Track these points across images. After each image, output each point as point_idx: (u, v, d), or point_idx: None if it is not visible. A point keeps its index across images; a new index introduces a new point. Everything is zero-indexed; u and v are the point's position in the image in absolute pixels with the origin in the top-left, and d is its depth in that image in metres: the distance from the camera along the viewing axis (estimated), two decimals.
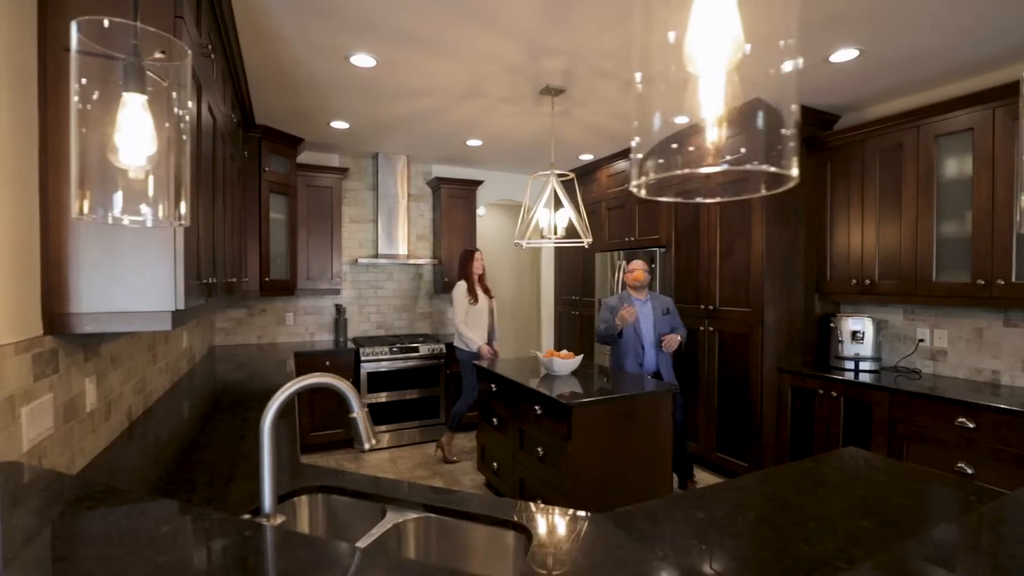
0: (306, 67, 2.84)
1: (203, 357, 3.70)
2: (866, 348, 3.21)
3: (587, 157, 4.86)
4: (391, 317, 4.97)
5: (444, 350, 4.48)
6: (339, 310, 4.61)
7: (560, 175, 3.22)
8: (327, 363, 4.12)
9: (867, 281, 3.20)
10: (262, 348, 4.17)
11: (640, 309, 3.43)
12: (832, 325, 3.36)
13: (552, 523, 1.18)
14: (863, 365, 3.22)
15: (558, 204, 3.53)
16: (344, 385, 1.11)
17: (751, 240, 3.45)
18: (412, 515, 1.35)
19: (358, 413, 1.11)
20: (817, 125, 3.49)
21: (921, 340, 3.19)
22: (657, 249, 4.16)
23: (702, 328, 3.83)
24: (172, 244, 1.49)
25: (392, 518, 1.35)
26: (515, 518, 1.23)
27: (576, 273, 5.38)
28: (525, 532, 1.19)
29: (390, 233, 4.68)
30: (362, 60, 2.74)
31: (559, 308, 5.69)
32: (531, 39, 2.51)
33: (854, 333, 3.25)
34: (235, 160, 3.13)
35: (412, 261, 4.75)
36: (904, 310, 3.28)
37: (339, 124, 3.83)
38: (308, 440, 4.10)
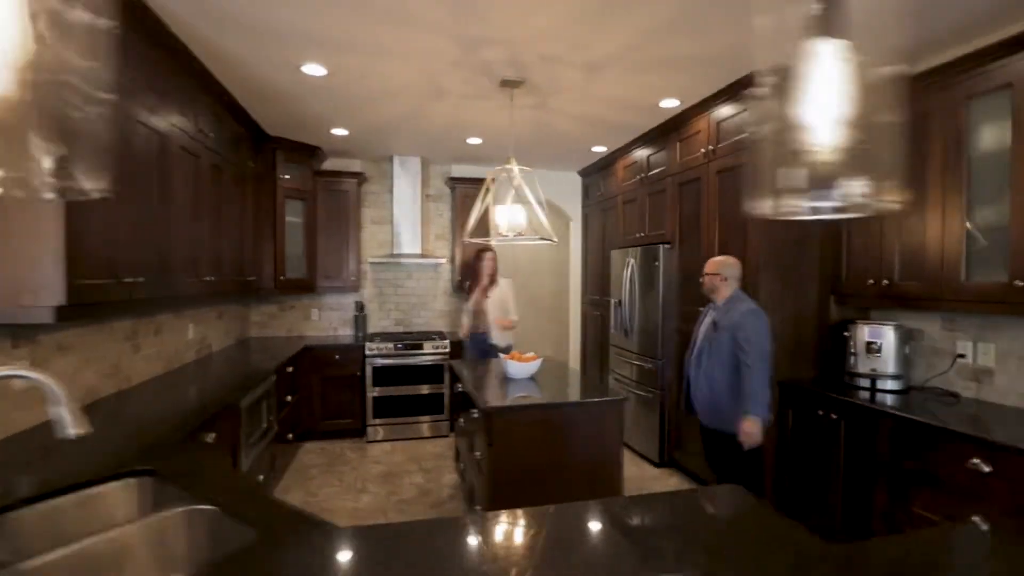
0: (270, 81, 3.05)
1: (228, 347, 4.14)
2: (885, 362, 2.65)
3: (600, 149, 4.60)
4: (410, 314, 5.15)
5: (448, 347, 4.53)
6: (359, 307, 4.88)
7: (522, 170, 3.09)
8: (336, 356, 4.39)
9: (885, 282, 2.63)
10: (290, 340, 4.57)
11: (703, 319, 2.69)
12: (846, 334, 2.82)
13: None
14: (882, 383, 2.65)
15: (500, 200, 3.35)
16: (39, 375, 1.15)
17: (746, 233, 3.01)
18: None
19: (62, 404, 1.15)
20: None
21: (961, 355, 2.55)
22: (661, 245, 3.81)
23: None
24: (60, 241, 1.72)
25: None
26: None
27: (596, 272, 5.12)
28: None
29: (405, 233, 4.84)
30: (313, 69, 2.87)
31: (585, 308, 5.46)
32: (451, 31, 2.45)
33: (869, 345, 2.69)
34: (234, 169, 3.47)
35: (427, 260, 4.87)
36: (942, 318, 2.65)
37: (339, 131, 4.06)
38: (320, 427, 4.41)
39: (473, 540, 1.14)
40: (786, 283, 2.96)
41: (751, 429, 2.31)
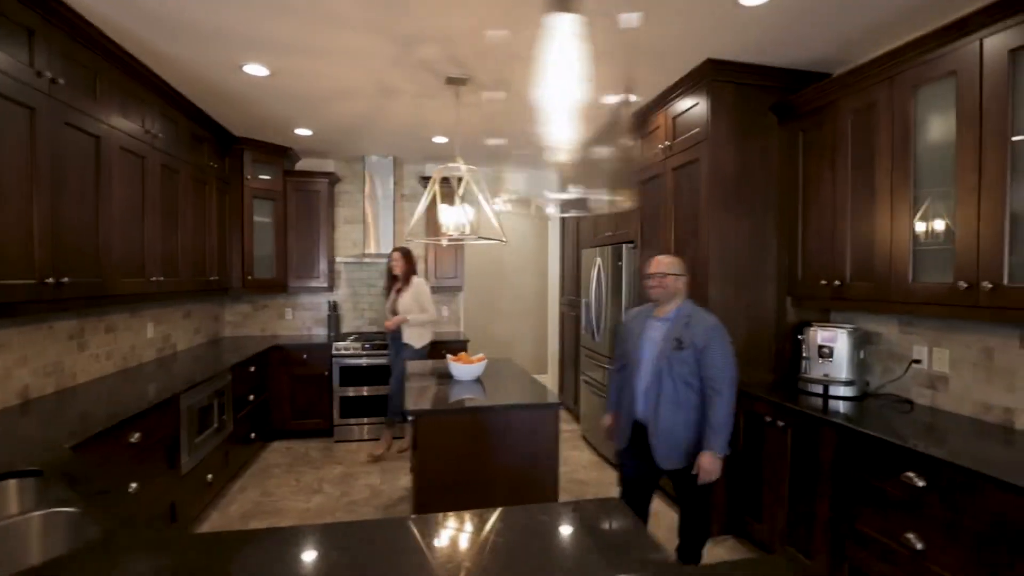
0: (215, 81, 3.05)
1: (197, 346, 4.17)
2: (837, 367, 2.52)
3: None
4: (383, 314, 5.12)
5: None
6: (333, 307, 4.88)
7: (469, 169, 3.03)
8: (305, 356, 4.39)
9: (837, 282, 2.50)
10: (263, 339, 4.59)
11: (647, 331, 2.22)
12: (800, 337, 2.69)
13: None
14: (834, 390, 2.52)
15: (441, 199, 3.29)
16: None
17: (698, 233, 2.90)
18: None
19: None
20: (789, 89, 2.81)
21: (916, 361, 2.41)
22: (625, 245, 3.71)
23: None
24: None
25: None
26: None
27: (571, 272, 5.03)
28: None
29: (376, 232, 4.82)
30: (255, 69, 2.86)
31: (563, 308, 5.37)
32: (384, 29, 2.40)
33: (821, 348, 2.56)
34: (191, 170, 3.48)
35: None
36: (900, 321, 2.51)
37: (303, 131, 4.05)
38: (288, 426, 4.41)
39: (310, 553, 1.09)
40: (741, 283, 2.84)
41: (713, 467, 2.02)
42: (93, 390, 2.64)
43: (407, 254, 4.03)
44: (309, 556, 1.09)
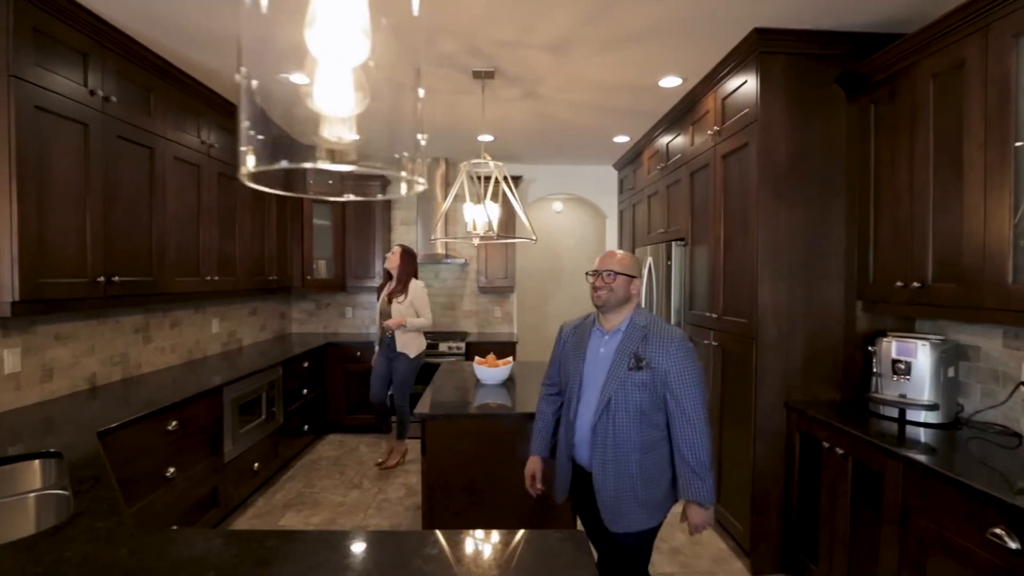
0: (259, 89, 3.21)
1: (263, 341, 4.48)
2: (916, 387, 2.08)
3: (623, 139, 4.24)
4: (437, 313, 5.17)
5: (464, 348, 4.47)
6: None
7: (497, 165, 2.93)
8: (358, 353, 4.54)
9: (916, 284, 2.06)
10: (326, 336, 4.84)
11: (591, 348, 1.72)
12: (871, 349, 2.27)
13: None
14: (913, 414, 2.09)
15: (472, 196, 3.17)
16: None
17: (746, 226, 2.56)
18: None
19: None
20: (855, 57, 2.38)
21: None
22: (675, 243, 3.40)
23: (706, 342, 2.99)
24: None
25: None
26: None
27: None
28: None
29: (428, 233, 4.88)
30: (297, 78, 2.97)
31: None
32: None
33: (895, 363, 2.13)
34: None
35: (451, 260, 4.87)
36: (1005, 333, 2.01)
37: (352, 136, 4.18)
38: (343, 421, 4.59)
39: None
40: (797, 282, 2.46)
41: (704, 521, 1.59)
42: (155, 380, 2.90)
43: (407, 253, 3.77)
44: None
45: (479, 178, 3.31)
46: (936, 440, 1.91)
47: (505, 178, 2.96)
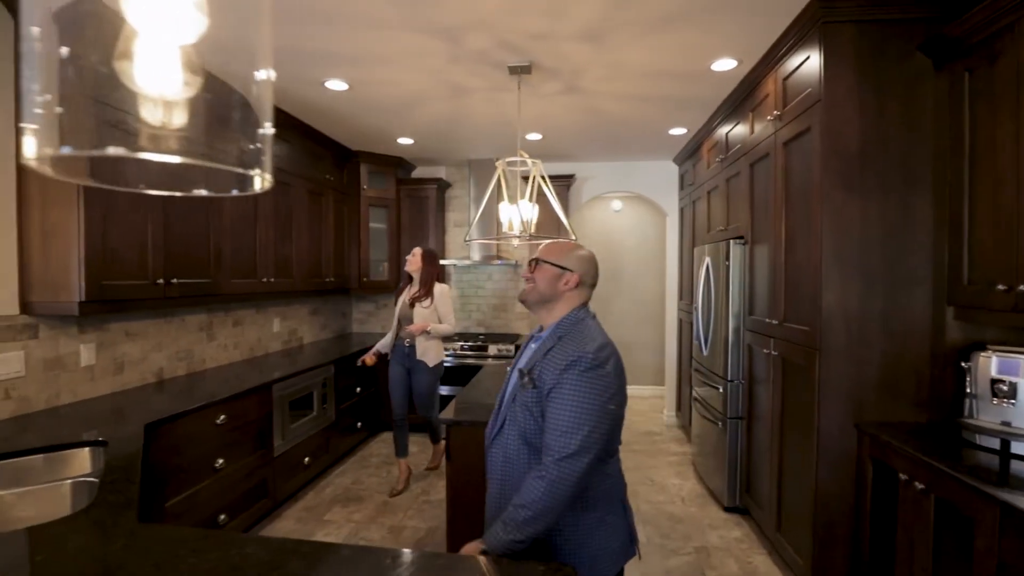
0: (309, 100, 3.33)
1: (323, 340, 4.69)
2: (1022, 414, 1.70)
3: (679, 131, 3.95)
4: (489, 316, 5.15)
5: (514, 351, 4.40)
6: None
7: (513, 161, 2.82)
8: None
9: (1023, 287, 1.69)
10: (382, 336, 4.97)
11: (521, 357, 1.42)
12: (965, 365, 1.90)
13: None
14: (1019, 447, 1.71)
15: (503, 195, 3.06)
16: None
17: (810, 221, 2.26)
18: None
19: None
20: (941, 19, 2.01)
21: None
22: (733, 241, 3.10)
23: (766, 351, 2.69)
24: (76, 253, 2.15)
25: None
26: None
27: (687, 273, 4.41)
28: None
29: (480, 236, 4.86)
30: (336, 84, 3.06)
31: (681, 314, 4.75)
32: (422, 24, 2.35)
33: (995, 384, 1.77)
34: (306, 183, 3.91)
35: (501, 262, 4.82)
36: None
37: (404, 140, 4.26)
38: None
39: None
40: (870, 285, 2.12)
41: (467, 549, 1.19)
42: (217, 375, 3.10)
43: (429, 255, 3.54)
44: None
45: (524, 177, 3.21)
46: None
47: (543, 176, 2.85)
